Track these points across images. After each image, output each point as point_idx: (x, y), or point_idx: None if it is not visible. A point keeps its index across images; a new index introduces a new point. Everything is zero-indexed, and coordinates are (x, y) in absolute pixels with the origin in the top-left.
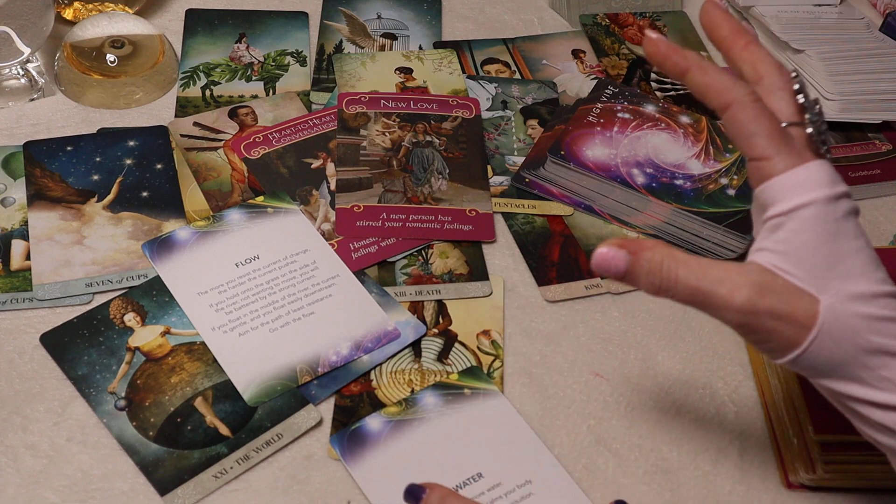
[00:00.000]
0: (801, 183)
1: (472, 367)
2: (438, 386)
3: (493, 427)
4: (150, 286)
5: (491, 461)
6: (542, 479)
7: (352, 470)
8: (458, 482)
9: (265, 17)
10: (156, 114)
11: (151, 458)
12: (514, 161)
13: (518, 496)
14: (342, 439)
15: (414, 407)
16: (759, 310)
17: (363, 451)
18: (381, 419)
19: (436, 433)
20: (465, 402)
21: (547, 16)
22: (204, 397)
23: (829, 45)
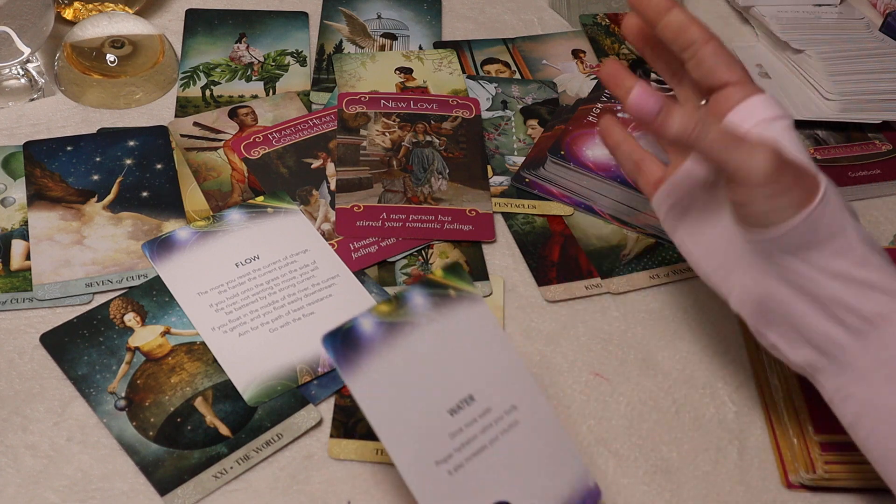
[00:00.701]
0: (771, 102)
1: (455, 264)
2: (425, 283)
3: (479, 341)
4: (149, 286)
5: (481, 382)
6: (526, 406)
7: (346, 376)
8: (452, 405)
9: (265, 17)
10: (156, 114)
11: (151, 458)
12: (514, 161)
13: (506, 424)
14: (335, 340)
15: (404, 307)
16: (785, 159)
17: (358, 357)
18: (373, 319)
19: (426, 342)
20: (452, 307)
21: (547, 16)
22: (204, 397)
23: (829, 45)
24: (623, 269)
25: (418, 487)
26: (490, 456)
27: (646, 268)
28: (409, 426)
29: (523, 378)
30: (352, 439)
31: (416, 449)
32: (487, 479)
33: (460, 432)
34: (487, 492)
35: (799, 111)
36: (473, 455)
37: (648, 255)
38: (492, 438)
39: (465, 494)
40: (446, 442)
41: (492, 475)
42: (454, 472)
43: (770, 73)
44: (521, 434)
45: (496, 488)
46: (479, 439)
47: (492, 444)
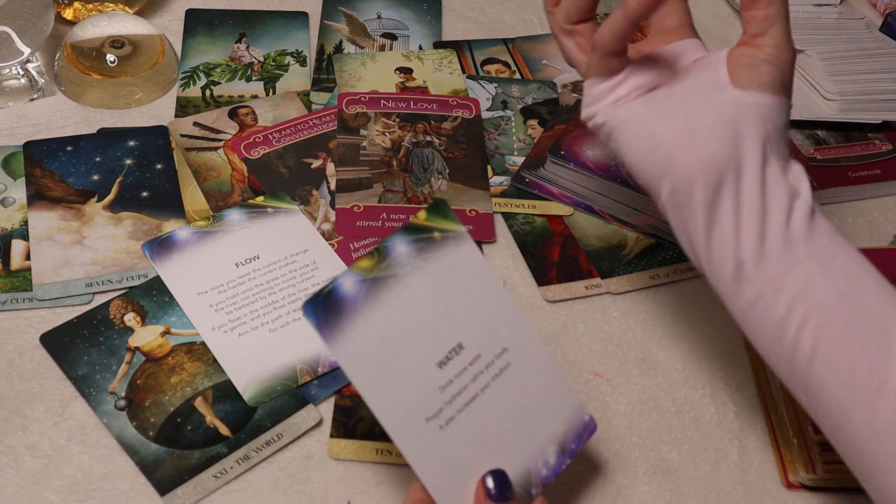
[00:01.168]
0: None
1: (440, 202)
2: (408, 230)
3: (466, 283)
4: (150, 286)
5: (469, 327)
6: (518, 346)
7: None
8: (441, 357)
9: (265, 17)
10: (156, 114)
11: (151, 458)
12: (514, 161)
13: (497, 368)
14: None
15: (387, 259)
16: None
17: (340, 322)
18: (354, 278)
19: (412, 294)
20: (437, 251)
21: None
22: (204, 397)
23: (829, 45)
24: (623, 269)
25: (409, 448)
26: (482, 404)
27: (646, 268)
28: (397, 386)
29: (513, 317)
30: (352, 439)
31: (404, 409)
32: (481, 427)
33: (450, 384)
34: (481, 440)
35: (799, 111)
36: (465, 406)
37: (648, 255)
38: (483, 386)
39: (458, 447)
40: (436, 396)
41: (485, 423)
42: (446, 426)
43: None
44: (514, 376)
45: (490, 435)
46: (470, 388)
47: (483, 392)
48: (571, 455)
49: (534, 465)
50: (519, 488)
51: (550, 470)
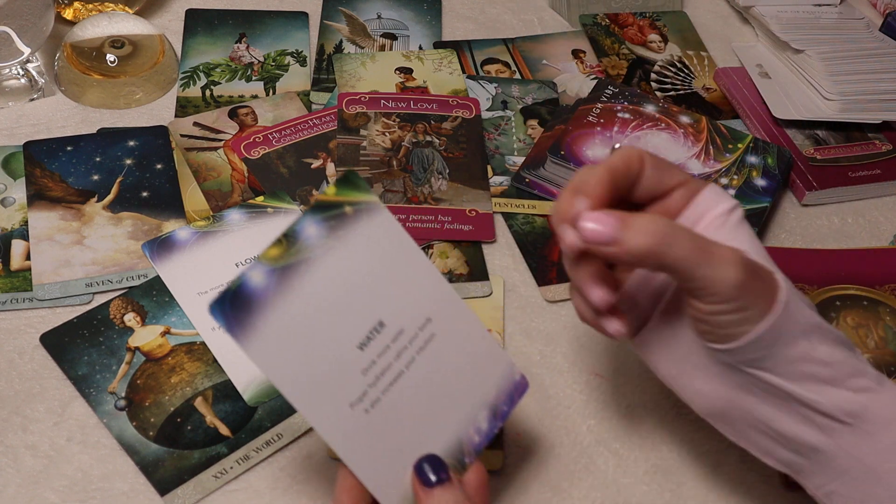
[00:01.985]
0: (721, 193)
1: (348, 173)
2: (317, 207)
3: (384, 255)
4: (150, 286)
5: (390, 302)
6: (442, 315)
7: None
8: (361, 339)
9: (265, 17)
10: (156, 114)
11: (151, 458)
12: (514, 161)
13: (421, 341)
14: (223, 306)
15: (296, 244)
16: (752, 269)
17: (251, 318)
18: (263, 269)
19: (326, 278)
20: (351, 227)
21: (547, 16)
22: (204, 397)
23: (829, 45)
24: None
25: (334, 437)
26: (408, 380)
27: None
28: (316, 376)
29: (434, 284)
30: None
31: (326, 398)
32: (409, 404)
33: (373, 365)
34: (410, 418)
35: (799, 111)
36: (390, 385)
37: None
38: (408, 361)
39: (386, 429)
40: (358, 380)
41: (413, 399)
42: (371, 409)
43: (770, 73)
44: (439, 347)
45: (419, 411)
46: (395, 367)
47: (409, 368)
48: (503, 417)
49: (465, 434)
50: (452, 459)
51: (483, 436)
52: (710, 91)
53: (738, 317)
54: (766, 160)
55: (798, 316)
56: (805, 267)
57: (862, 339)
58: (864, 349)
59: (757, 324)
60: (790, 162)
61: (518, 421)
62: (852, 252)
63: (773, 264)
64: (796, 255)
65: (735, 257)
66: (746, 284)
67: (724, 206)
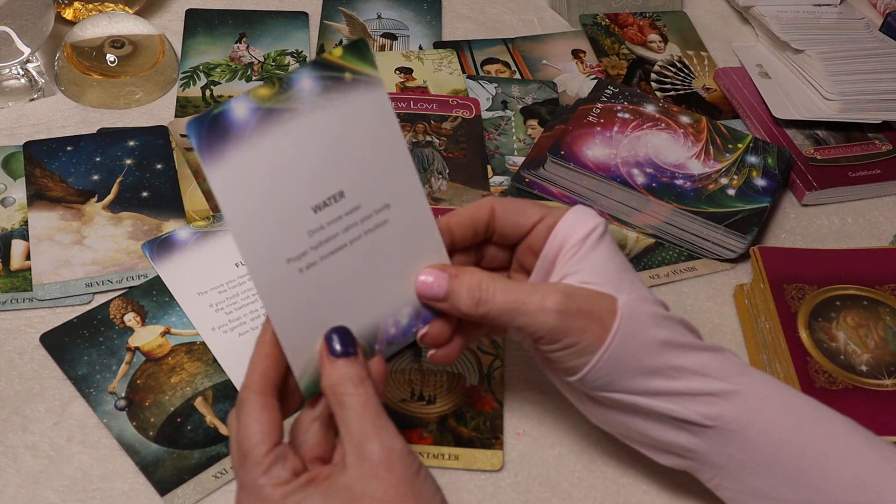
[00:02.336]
0: (580, 217)
1: (359, 41)
2: (318, 65)
3: (367, 132)
4: (149, 286)
5: (357, 177)
6: (401, 205)
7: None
8: (318, 202)
9: (265, 17)
10: (156, 114)
11: (151, 458)
12: (514, 161)
13: (373, 223)
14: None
15: (288, 91)
16: (570, 309)
17: (223, 146)
18: (249, 104)
19: (306, 133)
20: (344, 93)
21: (547, 16)
22: (204, 397)
23: (829, 45)
24: None
25: (263, 283)
26: (347, 255)
27: (646, 268)
28: (265, 221)
29: (405, 175)
30: None
31: (267, 245)
32: (340, 277)
33: (321, 230)
34: (339, 289)
35: (799, 111)
36: (330, 254)
37: (648, 255)
38: (353, 237)
39: (313, 293)
40: (303, 239)
41: (345, 274)
42: (305, 269)
43: (770, 73)
44: (387, 233)
45: (347, 287)
46: (340, 238)
47: (352, 244)
48: (426, 321)
49: (384, 323)
50: (363, 341)
51: (399, 330)
52: (710, 91)
53: (569, 352)
54: (766, 160)
55: (642, 337)
56: (805, 267)
57: (862, 339)
58: (864, 349)
59: (593, 356)
60: (790, 162)
61: (518, 421)
62: (852, 252)
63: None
64: (796, 255)
65: (551, 303)
66: (567, 324)
67: (580, 232)
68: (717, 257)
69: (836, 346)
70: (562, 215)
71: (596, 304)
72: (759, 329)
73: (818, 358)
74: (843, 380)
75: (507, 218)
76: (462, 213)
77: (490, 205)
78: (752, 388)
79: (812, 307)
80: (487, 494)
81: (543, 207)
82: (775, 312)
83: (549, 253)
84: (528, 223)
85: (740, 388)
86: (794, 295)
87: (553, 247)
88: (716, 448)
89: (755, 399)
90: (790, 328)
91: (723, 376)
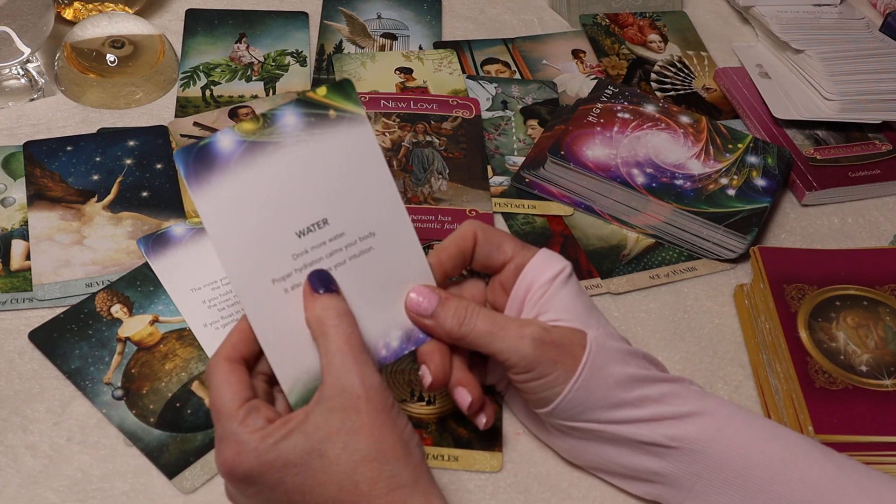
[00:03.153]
0: (548, 259)
1: (344, 81)
2: (302, 102)
3: (351, 165)
4: (133, 277)
5: (341, 206)
6: (386, 234)
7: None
8: (301, 228)
9: (265, 17)
10: (156, 114)
11: (155, 444)
12: (514, 161)
13: (357, 250)
14: (188, 156)
15: (271, 126)
16: (545, 339)
17: (209, 175)
18: (233, 137)
19: (290, 164)
20: (328, 129)
21: (547, 16)
22: (200, 381)
23: (829, 45)
24: (623, 269)
25: (249, 301)
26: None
27: (646, 268)
28: (251, 244)
29: (391, 207)
30: None
31: (253, 266)
32: None
33: (304, 254)
34: None
35: (799, 111)
36: None
37: (648, 255)
38: (337, 262)
39: (299, 313)
40: (287, 262)
41: None
42: (290, 290)
43: (770, 73)
44: (373, 260)
45: None
46: (324, 262)
47: (336, 269)
48: (417, 343)
49: (374, 345)
50: None
51: (391, 353)
52: (710, 91)
53: (541, 383)
54: (766, 160)
55: (609, 369)
56: (805, 267)
57: (862, 339)
58: (864, 349)
59: (564, 386)
60: (790, 162)
61: (517, 421)
62: (852, 252)
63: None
64: (796, 255)
65: (527, 333)
66: (540, 355)
67: (547, 274)
68: (717, 257)
69: (836, 347)
70: (531, 257)
71: (568, 338)
72: (759, 329)
73: (818, 358)
74: (843, 380)
75: (486, 248)
76: (449, 245)
77: (473, 231)
78: (713, 410)
79: (812, 307)
80: (487, 495)
81: (515, 244)
82: (775, 312)
83: (518, 293)
84: (501, 260)
85: (702, 410)
86: (794, 295)
87: (522, 287)
88: (682, 468)
89: (716, 419)
90: (790, 328)
91: (684, 401)
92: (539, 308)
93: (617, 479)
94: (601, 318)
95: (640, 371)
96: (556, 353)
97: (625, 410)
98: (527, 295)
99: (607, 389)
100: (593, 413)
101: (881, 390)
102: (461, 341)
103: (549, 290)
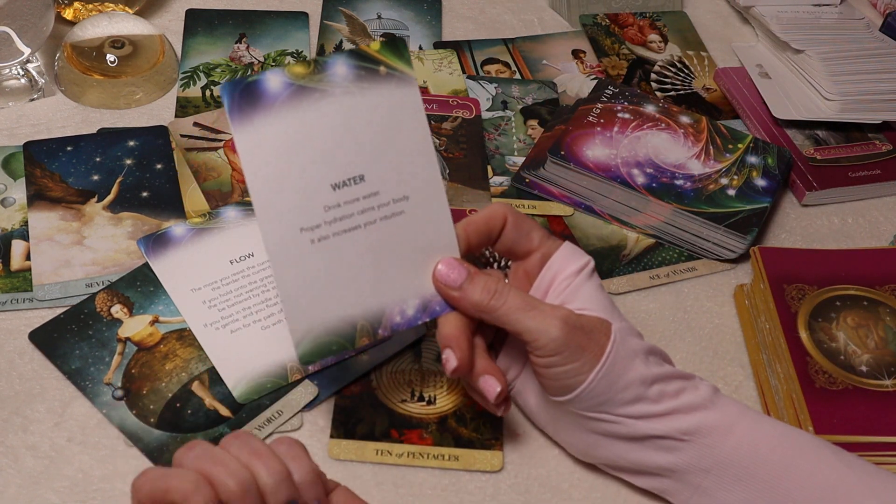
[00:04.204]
0: (573, 252)
1: (398, 39)
2: (355, 54)
3: (395, 125)
4: (133, 277)
5: (379, 165)
6: (420, 200)
7: (235, 128)
8: (337, 181)
9: (265, 17)
10: (156, 114)
11: (156, 444)
12: (514, 161)
13: (389, 211)
14: (234, 90)
15: (321, 73)
16: (575, 324)
17: (253, 112)
18: (283, 78)
19: (334, 114)
20: (377, 85)
21: (547, 16)
22: (200, 381)
23: (829, 45)
24: (623, 269)
25: (273, 247)
26: (360, 237)
27: (646, 268)
28: (284, 189)
29: (429, 173)
30: (352, 439)
31: (284, 211)
32: (351, 257)
33: (337, 207)
34: (347, 268)
35: (799, 111)
36: (343, 232)
37: (648, 255)
38: (368, 221)
39: (323, 266)
40: (318, 213)
41: (356, 255)
42: (317, 241)
43: (770, 73)
44: (403, 224)
45: (356, 267)
46: (355, 218)
47: (366, 227)
48: (432, 315)
49: (390, 310)
50: (367, 323)
51: (405, 320)
52: (710, 91)
53: (567, 368)
54: (767, 160)
55: (630, 361)
56: (805, 267)
57: (862, 339)
58: (864, 349)
59: (589, 374)
60: (790, 162)
61: (518, 421)
62: (852, 252)
63: (618, 316)
64: (796, 255)
65: (558, 314)
66: (569, 338)
67: (573, 266)
68: (717, 257)
69: (836, 347)
70: (556, 248)
71: (595, 326)
72: (759, 329)
73: (818, 358)
74: (843, 380)
75: (515, 233)
76: (478, 219)
77: (504, 214)
78: (724, 408)
79: (812, 307)
80: (488, 495)
81: (543, 233)
82: (775, 312)
83: (543, 282)
84: (528, 247)
85: (713, 407)
86: (794, 295)
87: (547, 276)
88: (692, 464)
89: (727, 416)
90: (790, 328)
91: (697, 397)
92: (564, 297)
93: (625, 473)
94: (621, 313)
95: (658, 368)
96: (584, 340)
97: (643, 405)
98: (552, 284)
99: (628, 382)
100: (612, 405)
101: (881, 390)
102: (489, 314)
103: (574, 282)
